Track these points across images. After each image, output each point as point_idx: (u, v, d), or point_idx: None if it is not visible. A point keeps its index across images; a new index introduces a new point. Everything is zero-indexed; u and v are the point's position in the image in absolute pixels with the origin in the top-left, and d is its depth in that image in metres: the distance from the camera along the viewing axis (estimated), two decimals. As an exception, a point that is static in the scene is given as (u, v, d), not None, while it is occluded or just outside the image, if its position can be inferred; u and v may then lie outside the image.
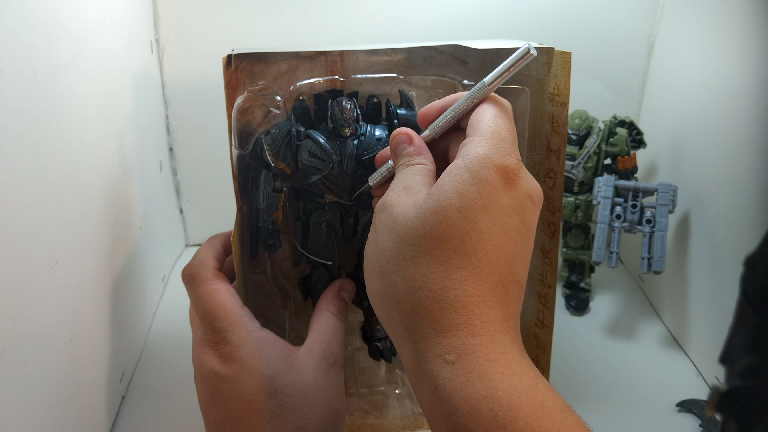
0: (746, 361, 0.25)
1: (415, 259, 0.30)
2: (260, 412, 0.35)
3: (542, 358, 0.47)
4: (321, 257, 0.44)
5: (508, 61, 0.34)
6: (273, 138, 0.41)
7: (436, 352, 0.29)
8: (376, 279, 0.32)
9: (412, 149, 0.35)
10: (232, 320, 0.38)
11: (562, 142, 0.42)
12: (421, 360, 0.29)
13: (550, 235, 0.46)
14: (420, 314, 0.30)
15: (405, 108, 0.43)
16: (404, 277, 0.30)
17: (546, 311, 0.46)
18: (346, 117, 0.40)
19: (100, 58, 0.48)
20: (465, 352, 0.28)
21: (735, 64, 0.50)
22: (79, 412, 0.42)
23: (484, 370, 0.28)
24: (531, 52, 0.34)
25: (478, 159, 0.31)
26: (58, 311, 0.39)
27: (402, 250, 0.31)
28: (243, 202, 0.42)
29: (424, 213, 0.30)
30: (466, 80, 0.45)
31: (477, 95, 0.35)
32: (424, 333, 0.29)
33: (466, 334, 0.29)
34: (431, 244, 0.30)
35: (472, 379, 0.28)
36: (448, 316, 0.29)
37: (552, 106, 0.42)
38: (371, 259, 0.33)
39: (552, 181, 0.44)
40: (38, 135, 0.36)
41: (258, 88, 0.42)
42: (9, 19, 0.34)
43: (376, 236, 0.33)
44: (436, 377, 0.28)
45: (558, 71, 0.42)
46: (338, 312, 0.42)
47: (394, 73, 0.44)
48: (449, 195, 0.30)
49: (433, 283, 0.30)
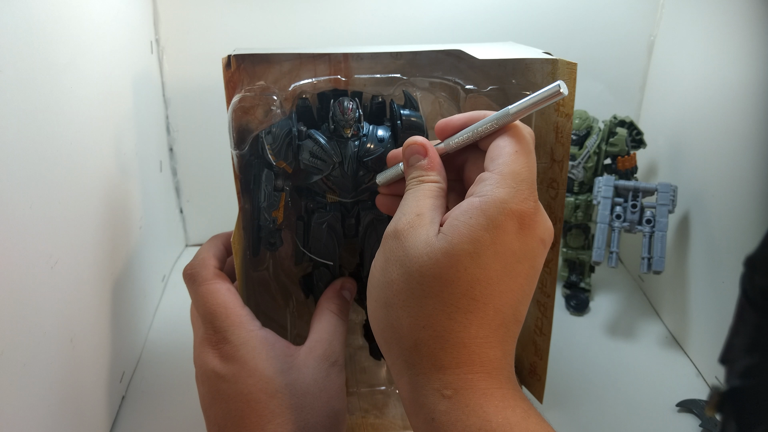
0: (746, 361, 0.25)
1: (422, 299, 0.30)
2: (261, 411, 0.35)
3: (539, 364, 0.48)
4: (322, 257, 0.43)
5: (536, 95, 0.33)
6: (274, 137, 0.41)
7: (433, 387, 0.30)
8: (381, 309, 0.32)
9: (426, 163, 0.35)
10: (233, 320, 0.38)
11: (565, 153, 0.42)
12: (419, 393, 0.30)
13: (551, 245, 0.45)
14: (422, 351, 0.30)
15: (409, 108, 0.43)
16: (410, 314, 0.30)
17: (545, 319, 0.46)
18: (347, 118, 0.40)
19: (100, 58, 0.48)
20: (462, 388, 0.29)
21: (735, 64, 0.50)
22: (79, 412, 0.42)
23: (479, 404, 0.29)
24: (561, 90, 0.33)
25: (495, 203, 0.30)
26: (58, 311, 0.39)
27: (410, 286, 0.30)
28: (244, 201, 0.42)
29: (436, 254, 0.30)
30: (468, 85, 0.45)
31: (499, 122, 0.34)
32: (423, 369, 0.30)
33: (465, 371, 0.29)
34: (440, 287, 0.30)
35: (467, 413, 0.28)
36: (449, 355, 0.30)
37: (557, 117, 0.42)
38: (378, 288, 0.32)
39: (554, 192, 0.44)
40: (38, 135, 0.36)
41: (258, 88, 0.42)
42: (9, 19, 0.34)
43: (385, 265, 0.32)
44: (432, 410, 0.29)
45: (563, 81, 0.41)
46: (340, 311, 0.42)
47: (397, 74, 0.44)
48: (462, 239, 0.30)
49: (437, 324, 0.30)
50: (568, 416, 0.51)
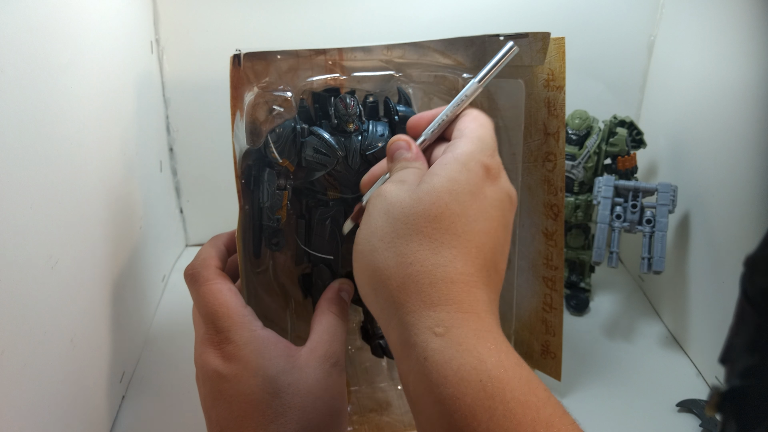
0: (746, 361, 0.25)
1: (407, 236, 0.32)
2: (263, 411, 0.35)
3: (553, 342, 0.46)
4: (324, 253, 0.44)
5: (494, 60, 0.37)
6: (278, 136, 0.41)
7: (425, 325, 0.30)
8: (367, 257, 0.33)
9: (410, 155, 0.37)
10: (234, 320, 0.38)
11: (560, 125, 0.43)
12: (410, 333, 0.30)
13: (553, 217, 0.45)
14: (410, 288, 0.31)
15: (403, 105, 0.44)
16: (396, 253, 0.32)
17: (554, 293, 0.45)
18: (350, 112, 0.41)
19: (100, 58, 0.48)
20: (454, 326, 0.29)
21: (735, 64, 0.50)
22: (79, 412, 0.42)
23: (472, 343, 0.29)
24: (514, 48, 0.37)
25: (465, 153, 0.34)
26: (58, 311, 0.39)
27: (395, 228, 0.32)
28: (245, 201, 0.42)
29: (419, 194, 0.32)
30: (465, 74, 0.45)
31: (468, 92, 0.37)
32: (413, 306, 0.30)
33: (455, 309, 0.30)
34: (424, 222, 0.32)
35: (461, 351, 0.29)
36: (437, 290, 0.30)
37: (547, 92, 0.43)
38: (363, 239, 0.34)
39: (552, 164, 0.44)
40: (38, 135, 0.36)
41: (270, 84, 0.43)
42: (9, 19, 0.34)
43: (369, 218, 0.34)
44: (425, 348, 0.29)
45: (552, 57, 0.42)
46: (339, 312, 0.42)
47: (392, 70, 0.45)
48: (441, 180, 0.33)
49: (424, 259, 0.31)
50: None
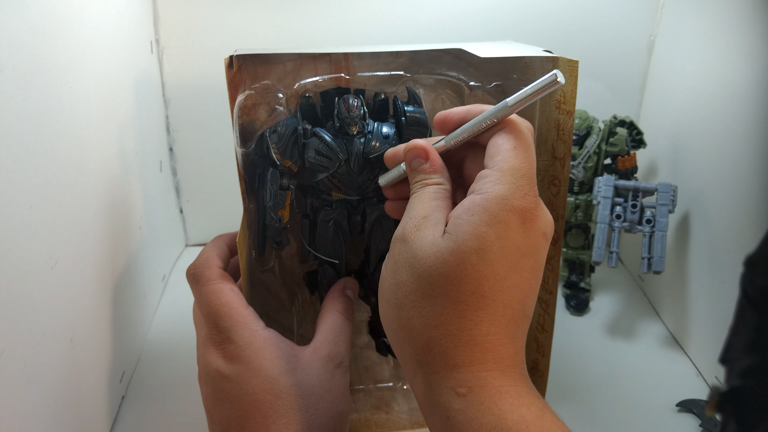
0: (746, 361, 0.25)
1: (432, 299, 0.30)
2: (265, 411, 0.35)
3: (542, 361, 0.47)
4: (328, 255, 0.44)
5: (533, 86, 0.33)
6: (279, 136, 0.41)
7: (448, 385, 0.30)
8: (393, 310, 0.32)
9: (428, 166, 0.35)
10: (236, 320, 0.38)
11: (566, 151, 0.42)
12: (434, 392, 0.30)
13: (552, 242, 0.45)
14: (434, 350, 0.30)
15: (413, 105, 0.43)
16: (421, 314, 0.31)
17: (547, 316, 0.46)
18: (352, 115, 0.40)
19: (100, 58, 0.48)
20: (477, 386, 0.29)
21: (735, 64, 0.50)
22: (79, 412, 0.42)
23: (494, 401, 0.29)
24: (558, 79, 0.33)
25: (496, 200, 0.31)
26: (58, 311, 0.39)
27: (420, 287, 0.31)
28: (249, 200, 0.42)
29: (443, 254, 0.30)
30: (472, 82, 0.45)
31: (498, 115, 0.34)
32: (437, 367, 0.30)
33: (479, 369, 0.30)
34: (449, 285, 0.30)
35: (482, 411, 0.29)
36: (462, 353, 0.30)
37: (558, 114, 0.42)
38: (389, 290, 0.33)
39: (556, 189, 0.44)
40: (38, 135, 0.36)
41: (263, 86, 0.42)
42: (9, 19, 0.34)
43: (395, 268, 0.32)
44: (447, 408, 0.29)
45: (565, 79, 0.41)
46: (345, 311, 0.42)
47: (400, 71, 0.44)
48: (467, 237, 0.30)
49: (449, 322, 0.30)
50: (568, 416, 0.51)
